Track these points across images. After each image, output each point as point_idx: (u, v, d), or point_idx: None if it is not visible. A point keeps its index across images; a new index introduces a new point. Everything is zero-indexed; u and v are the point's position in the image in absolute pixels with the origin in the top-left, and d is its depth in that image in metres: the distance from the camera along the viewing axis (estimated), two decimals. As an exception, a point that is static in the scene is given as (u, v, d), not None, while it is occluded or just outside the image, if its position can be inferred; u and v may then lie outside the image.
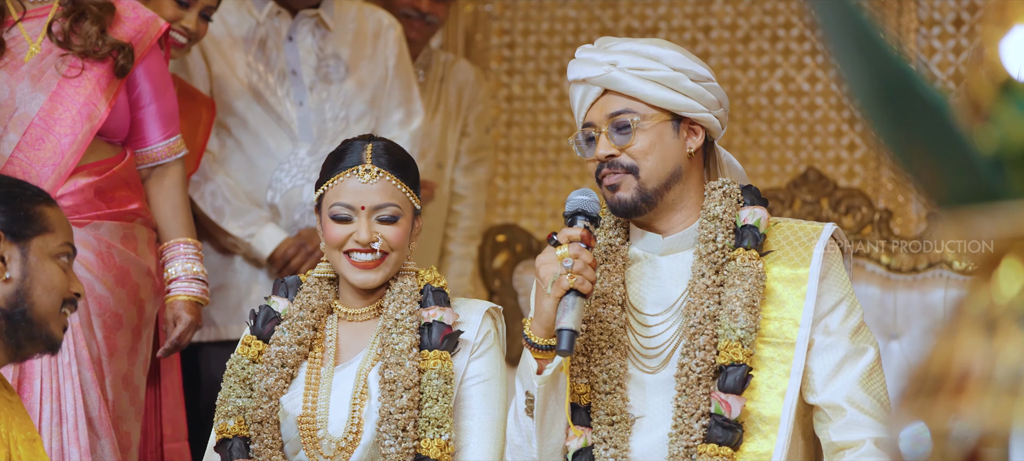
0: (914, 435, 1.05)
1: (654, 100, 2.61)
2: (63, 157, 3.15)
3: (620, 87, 2.61)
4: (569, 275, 2.45)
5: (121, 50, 3.20)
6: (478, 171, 4.68)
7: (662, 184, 2.62)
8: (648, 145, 2.61)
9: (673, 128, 2.63)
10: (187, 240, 3.33)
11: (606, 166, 2.63)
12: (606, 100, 2.64)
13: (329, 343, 2.74)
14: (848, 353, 2.56)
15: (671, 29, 5.09)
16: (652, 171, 2.61)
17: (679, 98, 2.61)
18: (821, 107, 5.03)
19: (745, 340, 2.53)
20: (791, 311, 2.58)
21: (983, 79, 1.10)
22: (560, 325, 2.45)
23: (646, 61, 2.61)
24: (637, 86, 2.60)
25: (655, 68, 2.61)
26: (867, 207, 4.56)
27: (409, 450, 2.59)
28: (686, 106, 2.61)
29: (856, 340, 2.57)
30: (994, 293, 1.06)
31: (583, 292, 2.46)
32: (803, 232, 2.65)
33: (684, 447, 2.53)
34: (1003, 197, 1.07)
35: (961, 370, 1.04)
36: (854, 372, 2.55)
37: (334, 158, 2.74)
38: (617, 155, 2.61)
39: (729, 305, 2.55)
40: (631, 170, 2.61)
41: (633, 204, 2.62)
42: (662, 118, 2.62)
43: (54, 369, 3.06)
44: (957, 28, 4.93)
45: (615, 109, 2.62)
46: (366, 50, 3.99)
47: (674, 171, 2.63)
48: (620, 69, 2.61)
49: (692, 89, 2.61)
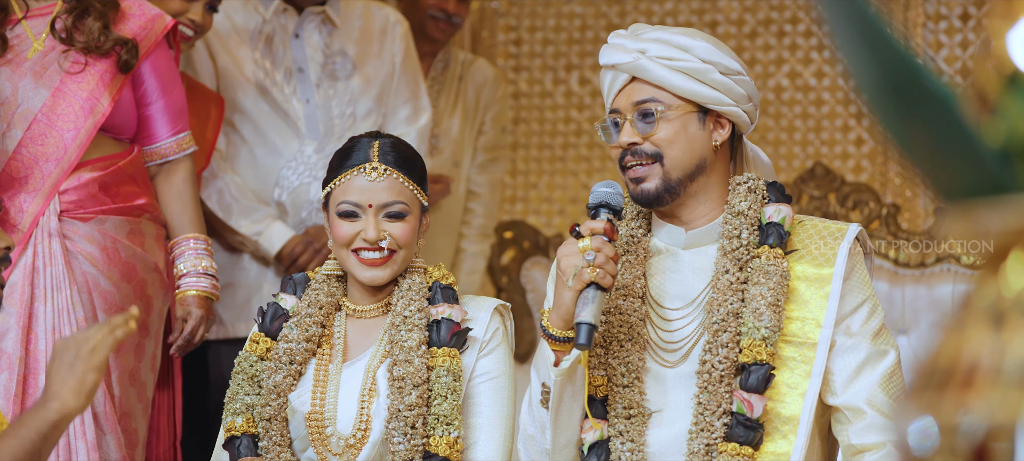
0: (922, 429, 1.05)
1: (680, 90, 2.59)
2: (66, 151, 3.15)
3: (647, 75, 2.60)
4: (590, 268, 2.43)
5: (124, 45, 3.20)
6: (494, 169, 4.68)
7: (686, 175, 2.60)
8: (672, 134, 2.59)
9: (699, 120, 2.61)
10: (197, 236, 3.32)
11: (629, 154, 2.61)
12: (633, 87, 2.62)
13: (337, 340, 2.74)
14: (869, 355, 2.54)
15: (677, 24, 5.09)
16: (676, 160, 2.59)
17: (706, 90, 2.59)
18: (828, 102, 5.03)
19: (769, 339, 2.51)
20: (814, 311, 2.57)
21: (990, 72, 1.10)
22: (579, 319, 2.43)
23: (675, 51, 2.59)
24: (664, 75, 2.59)
25: (684, 58, 2.59)
26: (875, 202, 4.56)
27: (418, 447, 2.59)
28: (713, 98, 2.60)
29: (877, 342, 2.56)
30: (1002, 286, 1.06)
31: (604, 286, 2.44)
32: (827, 232, 2.63)
33: (704, 445, 2.52)
34: (1010, 190, 1.07)
35: (969, 364, 1.05)
36: (875, 375, 2.53)
37: (341, 155, 2.74)
38: (640, 143, 2.60)
39: (753, 303, 2.53)
40: (656, 158, 2.59)
41: (657, 194, 2.61)
42: (688, 109, 2.60)
43: None
44: (964, 22, 4.92)
45: (640, 97, 2.61)
46: (373, 47, 3.98)
47: (699, 163, 2.61)
48: (649, 57, 2.59)
49: (720, 82, 2.59)
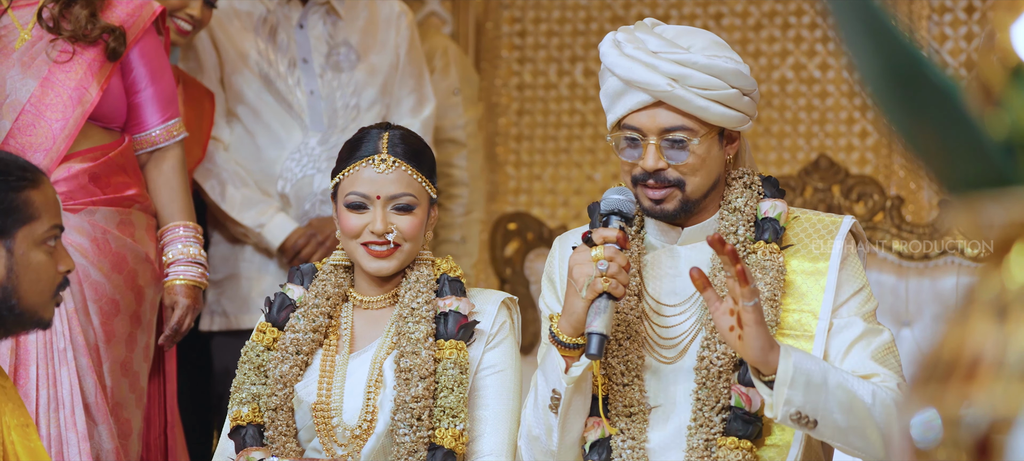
0: (926, 421, 1.05)
1: (713, 118, 2.52)
2: (55, 142, 3.14)
3: (683, 106, 2.50)
4: (603, 278, 2.40)
5: (112, 33, 3.18)
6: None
7: (704, 195, 2.58)
8: (698, 162, 2.53)
9: (719, 140, 2.57)
10: (186, 223, 3.30)
11: (651, 177, 2.54)
12: (660, 111, 2.52)
13: (344, 331, 2.74)
14: (864, 331, 2.54)
15: (682, 17, 5.08)
16: (698, 186, 2.55)
17: (733, 114, 2.53)
18: (833, 94, 5.02)
19: None
20: (810, 304, 2.56)
21: (994, 65, 1.10)
22: (591, 329, 2.41)
23: (712, 79, 2.50)
24: (702, 105, 2.50)
25: (719, 87, 2.50)
26: (879, 194, 4.56)
27: (423, 439, 2.59)
28: (738, 120, 2.55)
29: (872, 323, 2.56)
30: (1005, 279, 1.06)
31: (616, 296, 2.42)
32: (822, 225, 2.63)
33: (704, 440, 2.51)
34: (1014, 182, 1.07)
35: (973, 356, 1.05)
36: (870, 348, 2.52)
37: (350, 146, 2.74)
38: (664, 169, 2.54)
39: None
40: (677, 184, 2.54)
41: (675, 214, 2.58)
42: (713, 133, 2.55)
43: (50, 355, 3.04)
44: (969, 15, 4.92)
45: (671, 124, 2.52)
46: (377, 37, 3.98)
47: (716, 181, 2.59)
48: (685, 87, 2.50)
49: (746, 104, 2.54)
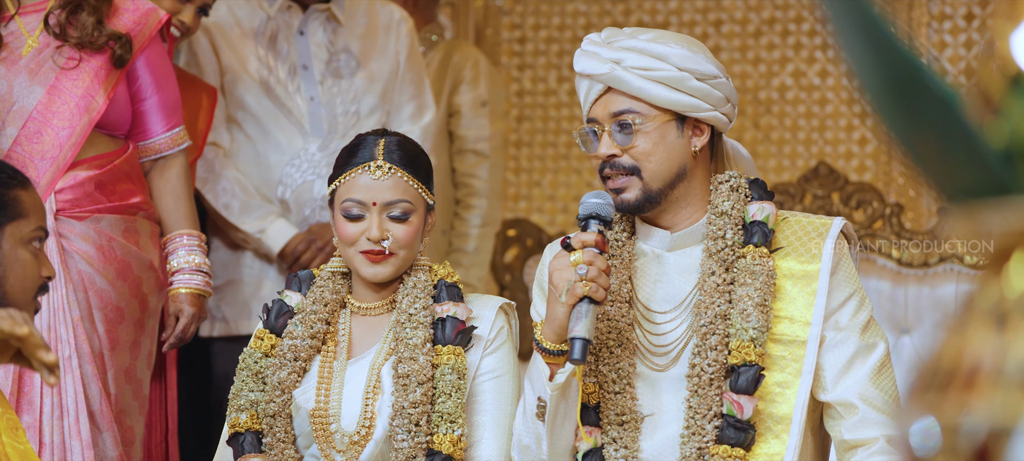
0: (924, 430, 1.05)
1: (658, 100, 2.55)
2: (61, 150, 3.14)
3: (624, 87, 2.56)
4: (583, 283, 2.41)
5: (118, 40, 3.18)
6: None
7: (667, 184, 2.58)
8: (651, 146, 2.56)
9: (677, 127, 2.58)
10: (190, 231, 3.31)
11: (609, 166, 2.58)
12: (610, 97, 2.58)
13: (342, 337, 2.74)
14: (859, 349, 2.53)
15: (682, 23, 5.09)
16: (655, 172, 2.56)
17: (684, 98, 2.55)
18: (832, 102, 5.03)
19: (757, 340, 2.50)
20: (801, 309, 2.55)
21: (994, 73, 1.10)
22: (573, 334, 2.41)
23: (651, 60, 2.55)
24: (641, 86, 2.55)
25: (660, 68, 2.55)
26: (878, 202, 4.56)
27: (422, 445, 2.59)
28: (691, 106, 2.56)
29: (866, 336, 2.55)
30: (1004, 287, 1.06)
31: (597, 300, 2.42)
32: (812, 227, 2.61)
33: (696, 448, 2.51)
34: (1013, 191, 1.07)
35: (971, 364, 1.05)
36: (865, 368, 2.52)
37: (347, 153, 2.74)
38: (619, 155, 2.57)
39: (741, 304, 2.51)
40: (633, 171, 2.56)
41: (638, 204, 2.58)
42: (665, 118, 2.56)
43: None
44: (968, 22, 4.92)
45: (617, 108, 2.57)
46: (377, 44, 3.98)
47: (679, 170, 2.58)
48: (624, 68, 2.55)
49: (698, 88, 2.55)
